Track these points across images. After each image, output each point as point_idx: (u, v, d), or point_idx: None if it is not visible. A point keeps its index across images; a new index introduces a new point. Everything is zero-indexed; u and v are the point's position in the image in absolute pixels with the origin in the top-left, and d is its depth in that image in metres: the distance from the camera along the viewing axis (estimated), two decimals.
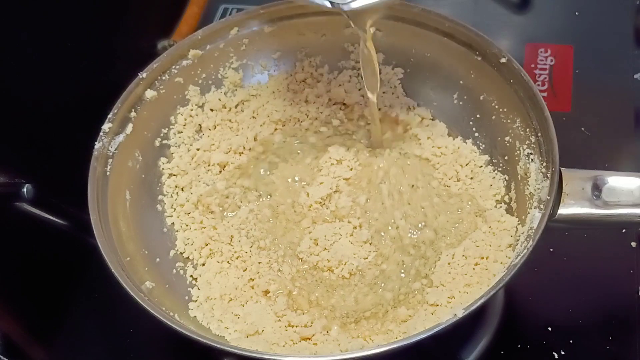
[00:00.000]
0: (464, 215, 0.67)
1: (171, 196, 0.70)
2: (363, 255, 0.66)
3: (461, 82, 0.72)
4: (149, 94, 0.70)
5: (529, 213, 0.61)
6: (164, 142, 0.72)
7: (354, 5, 0.56)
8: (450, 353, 0.66)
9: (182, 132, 0.73)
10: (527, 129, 0.65)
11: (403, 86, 0.75)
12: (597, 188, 0.58)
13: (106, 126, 0.66)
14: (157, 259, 0.66)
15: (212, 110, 0.74)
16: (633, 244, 0.70)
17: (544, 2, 0.93)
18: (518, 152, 0.66)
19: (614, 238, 0.70)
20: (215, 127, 0.74)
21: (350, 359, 0.53)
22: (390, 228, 0.67)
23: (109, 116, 0.67)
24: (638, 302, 0.67)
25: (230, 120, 0.75)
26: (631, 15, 0.89)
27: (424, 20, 0.71)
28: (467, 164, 0.70)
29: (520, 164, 0.65)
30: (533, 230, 0.57)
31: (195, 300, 0.64)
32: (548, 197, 0.58)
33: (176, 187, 0.71)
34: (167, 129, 0.72)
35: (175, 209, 0.70)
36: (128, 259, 0.61)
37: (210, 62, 0.74)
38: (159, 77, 0.71)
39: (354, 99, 0.76)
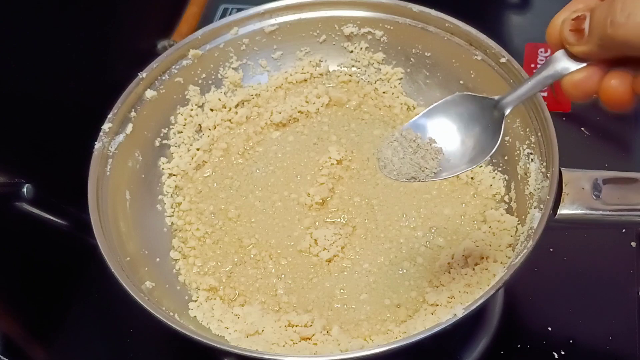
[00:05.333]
0: (468, 209, 0.67)
1: (171, 196, 0.71)
2: (364, 257, 0.66)
3: (461, 82, 0.72)
4: (149, 94, 0.70)
5: (529, 213, 0.61)
6: (164, 142, 0.72)
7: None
8: (450, 353, 0.66)
9: (182, 132, 0.73)
10: (527, 129, 0.65)
11: (403, 86, 0.76)
12: (597, 188, 0.58)
13: (106, 126, 0.66)
14: (157, 259, 0.66)
15: (212, 110, 0.74)
16: (633, 244, 0.70)
17: (544, 2, 0.93)
18: (518, 152, 0.66)
19: (614, 238, 0.70)
20: (215, 127, 0.74)
21: (350, 359, 0.53)
22: (391, 227, 0.67)
23: (109, 116, 0.67)
24: (638, 302, 0.67)
25: (230, 120, 0.75)
26: None
27: (424, 20, 0.72)
28: None
29: (520, 164, 0.65)
30: (533, 230, 0.57)
31: (195, 300, 0.64)
32: (548, 197, 0.58)
33: (176, 187, 0.71)
34: (167, 129, 0.72)
35: (175, 209, 0.70)
36: (128, 259, 0.61)
37: (210, 62, 0.74)
38: (159, 77, 0.71)
39: (355, 99, 0.76)
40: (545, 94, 0.82)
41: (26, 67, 0.72)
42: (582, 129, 0.79)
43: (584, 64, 0.47)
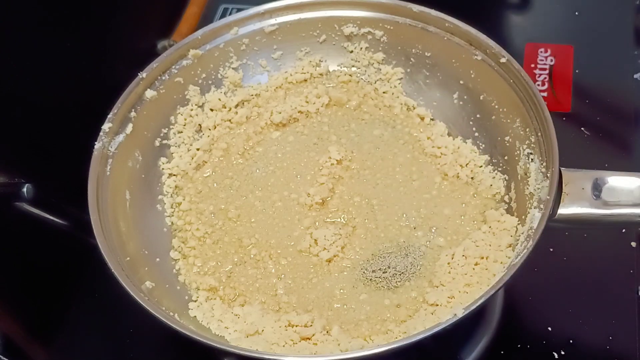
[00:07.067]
0: (468, 209, 0.67)
1: (171, 196, 0.71)
2: (364, 257, 0.66)
3: (461, 82, 0.72)
4: (149, 93, 0.70)
5: (529, 213, 0.61)
6: (164, 142, 0.72)
7: None
8: (450, 353, 0.66)
9: (182, 132, 0.73)
10: (527, 129, 0.65)
11: (403, 86, 0.76)
12: (597, 188, 0.58)
13: (106, 126, 0.66)
14: (157, 259, 0.66)
15: (212, 110, 0.74)
16: (633, 244, 0.70)
17: (544, 2, 0.93)
18: (518, 152, 0.66)
19: (614, 238, 0.70)
20: (215, 127, 0.74)
21: (350, 359, 0.53)
22: (391, 227, 0.67)
23: (109, 116, 0.67)
24: (638, 302, 0.67)
25: (230, 120, 0.75)
26: (631, 15, 0.89)
27: (424, 20, 0.72)
28: (467, 164, 0.70)
29: (520, 164, 0.65)
30: (533, 230, 0.57)
31: (195, 300, 0.64)
32: (548, 197, 0.58)
33: (176, 187, 0.71)
34: (167, 129, 0.72)
35: (175, 209, 0.70)
36: (128, 259, 0.61)
37: (210, 62, 0.74)
38: (159, 77, 0.71)
39: (355, 99, 0.76)
40: (545, 94, 0.83)
41: (26, 67, 0.72)
42: (582, 129, 0.79)
43: None
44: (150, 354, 0.69)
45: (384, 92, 0.76)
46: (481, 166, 0.70)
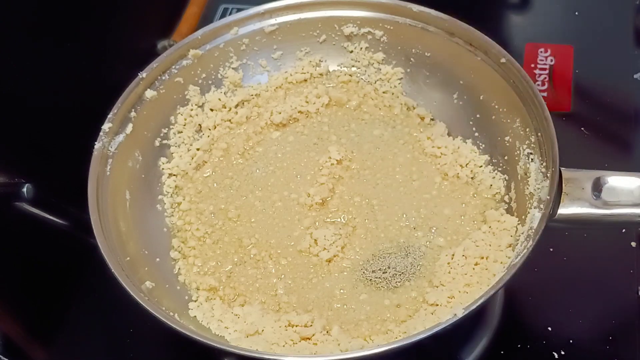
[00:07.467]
0: (468, 209, 0.67)
1: (171, 196, 0.71)
2: (364, 257, 0.66)
3: (461, 82, 0.72)
4: (149, 93, 0.70)
5: (529, 213, 0.61)
6: (164, 142, 0.72)
7: None
8: (450, 353, 0.66)
9: (182, 132, 0.73)
10: (527, 129, 0.65)
11: (403, 86, 0.76)
12: (597, 188, 0.58)
13: (106, 126, 0.66)
14: (157, 259, 0.66)
15: (212, 110, 0.75)
16: (633, 244, 0.70)
17: (544, 2, 0.93)
18: (518, 152, 0.66)
19: (614, 238, 0.70)
20: (215, 127, 0.74)
21: (350, 359, 0.53)
22: (391, 227, 0.67)
23: (109, 116, 0.67)
24: (638, 302, 0.67)
25: (230, 120, 0.75)
26: (631, 15, 0.89)
27: (424, 20, 0.72)
28: (467, 164, 0.70)
29: (520, 164, 0.65)
30: (533, 230, 0.57)
31: (195, 300, 0.64)
32: (548, 197, 0.58)
33: (176, 187, 0.71)
34: (167, 128, 0.72)
35: (175, 209, 0.70)
36: (128, 259, 0.61)
37: (210, 62, 0.74)
38: (159, 77, 0.71)
39: (355, 99, 0.76)
40: (545, 94, 0.83)
41: (26, 67, 0.72)
42: (582, 129, 0.79)
43: None
44: (150, 354, 0.69)
45: (384, 92, 0.76)
46: (481, 166, 0.70)
